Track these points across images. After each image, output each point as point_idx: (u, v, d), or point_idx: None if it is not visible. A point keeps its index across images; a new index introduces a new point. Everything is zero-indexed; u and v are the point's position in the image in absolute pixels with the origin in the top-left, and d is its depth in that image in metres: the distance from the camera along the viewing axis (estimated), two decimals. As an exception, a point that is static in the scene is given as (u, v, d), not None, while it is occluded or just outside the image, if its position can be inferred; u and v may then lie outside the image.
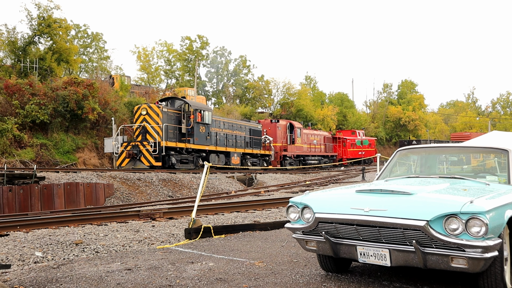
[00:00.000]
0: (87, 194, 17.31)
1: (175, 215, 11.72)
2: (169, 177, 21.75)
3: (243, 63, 64.16)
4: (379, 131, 67.70)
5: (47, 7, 34.54)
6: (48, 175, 17.58)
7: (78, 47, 45.64)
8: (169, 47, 59.64)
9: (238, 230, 9.04)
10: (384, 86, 79.50)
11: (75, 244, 7.85)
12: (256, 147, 32.75)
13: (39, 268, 6.24)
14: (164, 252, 7.10)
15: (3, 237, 8.66)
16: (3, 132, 25.11)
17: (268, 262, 6.21)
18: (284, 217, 10.86)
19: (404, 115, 70.16)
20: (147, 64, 55.41)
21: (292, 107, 57.13)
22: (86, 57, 50.25)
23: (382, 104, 75.68)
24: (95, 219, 10.89)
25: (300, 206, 5.19)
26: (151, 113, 24.22)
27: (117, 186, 18.92)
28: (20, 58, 33.53)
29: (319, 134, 43.49)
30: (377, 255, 4.55)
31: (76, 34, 49.63)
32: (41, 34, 34.72)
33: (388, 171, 6.44)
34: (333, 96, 71.01)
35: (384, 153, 59.30)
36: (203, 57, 62.88)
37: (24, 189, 15.66)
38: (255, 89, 60.15)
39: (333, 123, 58.26)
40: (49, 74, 34.03)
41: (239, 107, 52.75)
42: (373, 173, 29.80)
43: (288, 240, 7.86)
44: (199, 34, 62.92)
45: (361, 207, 4.65)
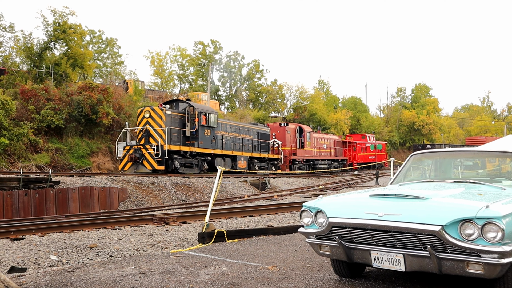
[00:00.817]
0: (101, 198, 17.42)
1: (189, 219, 11.75)
2: (183, 182, 21.81)
3: (256, 67, 64.25)
4: (392, 135, 67.31)
5: (62, 13, 34.93)
6: (63, 179, 17.74)
7: (92, 52, 46.02)
8: (182, 52, 59.94)
9: (251, 235, 9.03)
10: (398, 90, 79.20)
11: (90, 248, 7.91)
12: (264, 151, 32.11)
13: (54, 271, 6.29)
14: (177, 256, 7.12)
15: (19, 241, 8.75)
16: (19, 136, 25.40)
17: (281, 266, 6.19)
18: (298, 222, 10.83)
19: (418, 119, 69.67)
20: (161, 69, 55.71)
21: (305, 111, 57.04)
22: (100, 62, 50.66)
23: (396, 108, 75.26)
24: (109, 223, 10.95)
25: (314, 210, 5.17)
26: (154, 116, 23.71)
27: (131, 190, 19.03)
28: (36, 63, 33.91)
29: (329, 138, 43.01)
30: (391, 260, 4.51)
31: (91, 39, 50.07)
32: (57, 39, 35.09)
33: (402, 176, 6.39)
34: (347, 100, 70.81)
35: (398, 157, 58.91)
36: (216, 61, 63.09)
37: (39, 193, 15.81)
38: (268, 94, 60.18)
39: (347, 127, 58.05)
40: (64, 79, 34.37)
41: (252, 111, 52.82)
42: (387, 178, 29.63)
43: (302, 245, 7.83)
44: (212, 39, 63.23)
45: (375, 212, 4.62)
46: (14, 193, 15.30)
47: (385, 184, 14.01)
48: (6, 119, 25.16)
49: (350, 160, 46.16)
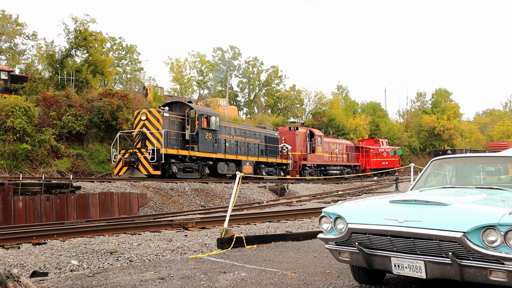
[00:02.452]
0: (121, 204, 17.57)
1: (208, 225, 11.77)
2: (202, 187, 21.89)
3: (274, 73, 64.35)
4: (412, 140, 66.70)
5: (83, 20, 35.45)
6: (83, 185, 17.93)
7: (113, 59, 46.57)
8: (201, 58, 60.33)
9: (270, 240, 9.01)
10: (418, 95, 78.45)
11: (110, 253, 7.97)
12: (271, 156, 30.61)
13: (75, 276, 6.36)
14: (196, 262, 7.14)
15: (41, 245, 8.87)
16: (41, 142, 25.79)
17: (300, 272, 6.17)
18: (317, 227, 10.79)
19: (438, 124, 68.90)
20: (180, 75, 56.11)
21: (324, 116, 56.86)
22: (120, 69, 51.23)
23: (416, 113, 74.57)
24: (129, 228, 11.03)
25: (333, 216, 5.15)
26: (151, 118, 22.65)
27: (150, 195, 19.15)
28: (57, 70, 34.42)
29: (341, 143, 41.83)
30: (412, 267, 4.46)
31: (111, 46, 50.70)
32: (78, 47, 35.59)
33: (422, 181, 6.33)
34: (366, 105, 70.41)
35: (418, 163, 58.29)
36: (235, 67, 63.33)
37: (60, 198, 16.01)
38: (287, 99, 60.18)
39: (366, 133, 57.69)
40: (85, 85, 34.82)
41: (270, 117, 52.84)
42: (407, 183, 29.37)
43: (321, 251, 7.79)
44: (231, 45, 63.54)
45: (395, 218, 4.58)
46: (36, 198, 15.52)
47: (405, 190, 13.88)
48: (28, 126, 25.58)
49: (363, 165, 44.88)
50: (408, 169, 45.51)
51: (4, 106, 25.66)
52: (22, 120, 25.20)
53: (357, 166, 43.77)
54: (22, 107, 25.61)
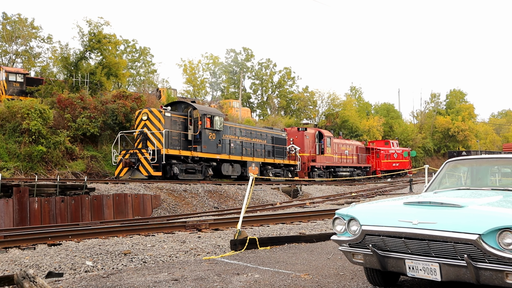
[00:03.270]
0: (135, 205, 17.66)
1: (221, 226, 11.79)
2: (215, 189, 21.93)
3: (287, 74, 64.31)
4: (426, 141, 66.22)
5: (97, 23, 35.75)
6: (98, 186, 18.06)
7: (126, 61, 46.93)
8: (215, 59, 60.50)
9: (283, 242, 9.00)
10: (432, 96, 77.85)
11: (124, 254, 8.02)
12: (278, 157, 29.92)
13: (89, 277, 6.41)
14: (210, 263, 7.15)
15: (56, 246, 8.94)
16: (56, 144, 26.03)
17: (314, 274, 6.15)
18: (330, 229, 10.75)
19: (453, 126, 68.32)
20: (193, 77, 56.34)
21: (337, 118, 56.69)
22: (134, 71, 51.60)
23: (430, 115, 74.03)
24: (142, 229, 11.09)
25: (347, 218, 5.13)
26: (152, 118, 22.25)
27: (164, 197, 19.23)
28: (72, 73, 34.74)
29: (351, 144, 41.08)
30: (427, 269, 4.43)
31: (125, 49, 51.09)
32: (92, 49, 35.89)
33: (437, 183, 6.28)
34: (379, 106, 70.05)
35: (432, 164, 57.87)
36: (248, 69, 63.41)
37: (75, 199, 16.14)
38: (300, 101, 60.11)
39: (379, 134, 57.38)
40: (99, 88, 35.10)
41: (283, 118, 52.80)
42: (421, 185, 29.16)
43: (334, 253, 7.77)
44: (244, 47, 63.67)
45: (409, 220, 4.55)
46: (51, 199, 15.66)
47: (419, 191, 13.77)
48: (44, 128, 25.84)
49: (374, 167, 44.02)
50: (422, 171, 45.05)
51: (20, 108, 25.96)
52: (37, 122, 25.47)
53: (368, 167, 42.97)
54: (38, 109, 25.88)
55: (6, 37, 41.24)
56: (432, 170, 19.08)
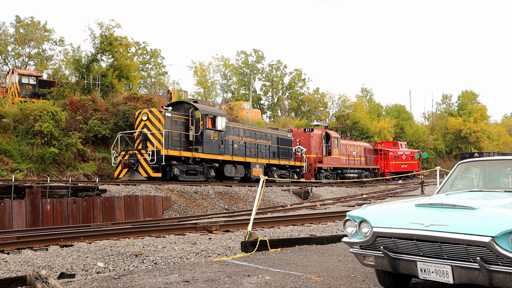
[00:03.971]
0: (146, 207, 17.73)
1: (232, 228, 11.80)
2: (225, 190, 21.96)
3: (298, 76, 64.29)
4: (438, 143, 65.83)
5: (109, 25, 36.01)
6: (109, 188, 18.16)
7: (137, 63, 47.19)
8: (225, 61, 60.62)
9: (294, 244, 8.99)
10: (443, 97, 77.43)
11: (135, 255, 8.05)
12: (284, 158, 29.32)
13: (101, 278, 6.44)
14: (220, 265, 7.16)
15: (68, 247, 9.01)
16: (68, 146, 26.23)
17: (325, 276, 6.13)
18: (341, 231, 10.72)
19: (465, 127, 67.86)
20: (204, 79, 56.50)
21: (347, 119, 56.57)
22: (145, 73, 51.85)
23: (441, 116, 73.62)
24: (154, 231, 11.13)
25: (358, 220, 5.11)
26: (152, 119, 21.81)
27: (175, 198, 19.29)
28: (84, 75, 35.01)
29: (359, 145, 40.33)
30: (439, 271, 4.40)
31: (136, 51, 51.38)
32: (103, 52, 36.15)
33: (449, 185, 6.24)
34: (390, 108, 69.82)
35: (444, 166, 57.49)
36: (259, 70, 63.48)
37: (87, 201, 16.24)
38: (310, 102, 60.07)
39: (390, 136, 57.15)
40: (110, 90, 35.33)
41: (294, 120, 52.78)
42: (433, 187, 28.97)
43: (345, 255, 7.74)
44: (255, 48, 63.74)
45: (421, 222, 4.52)
46: (63, 201, 15.78)
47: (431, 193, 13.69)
48: (56, 130, 26.04)
49: (382, 169, 43.27)
50: (434, 173, 44.67)
51: (33, 110, 26.19)
52: (49, 124, 25.67)
53: (376, 169, 42.28)
54: (50, 111, 26.10)
55: (19, 40, 41.63)
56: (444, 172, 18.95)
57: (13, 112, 26.78)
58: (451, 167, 19.21)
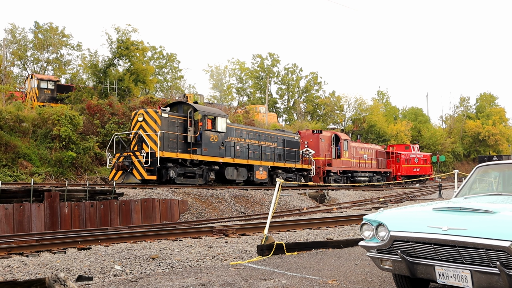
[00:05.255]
0: (163, 210, 17.82)
1: (248, 232, 11.80)
2: (242, 194, 21.98)
3: (314, 79, 64.18)
4: (456, 146, 65.18)
5: (125, 30, 36.37)
6: (126, 191, 18.29)
7: (154, 67, 47.53)
8: (241, 65, 60.74)
9: (310, 247, 8.96)
10: (461, 99, 76.70)
11: (152, 258, 8.09)
12: (290, 161, 28.41)
13: (118, 281, 6.48)
14: (237, 268, 7.16)
15: (86, 250, 9.09)
16: (86, 150, 26.51)
17: (341, 280, 6.10)
18: (358, 235, 10.66)
19: (483, 130, 67.11)
20: (220, 83, 56.69)
21: (364, 122, 56.31)
22: (161, 77, 52.21)
23: (459, 119, 72.91)
24: (170, 234, 11.17)
25: (375, 224, 5.08)
26: (147, 119, 21.16)
27: (191, 202, 19.35)
28: (101, 80, 35.37)
29: (370, 148, 39.41)
30: (458, 276, 4.34)
31: (152, 55, 51.76)
32: (120, 56, 36.50)
33: (467, 188, 6.17)
34: (407, 111, 69.38)
35: (462, 169, 56.87)
36: (274, 74, 63.52)
37: (104, 204, 16.38)
38: (326, 105, 59.91)
39: (407, 139, 56.74)
40: (127, 94, 35.64)
41: (310, 123, 52.71)
42: (451, 190, 28.70)
43: (362, 259, 7.69)
44: (270, 52, 63.84)
45: (439, 226, 4.48)
46: (81, 204, 15.93)
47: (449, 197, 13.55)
48: (74, 134, 26.35)
49: (394, 172, 42.27)
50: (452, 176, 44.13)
51: (51, 114, 26.55)
52: (67, 128, 25.98)
53: (388, 172, 41.27)
54: (68, 115, 26.42)
55: (38, 45, 42.24)
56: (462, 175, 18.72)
57: (32, 116, 27.17)
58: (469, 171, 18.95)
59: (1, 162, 23.60)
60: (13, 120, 25.83)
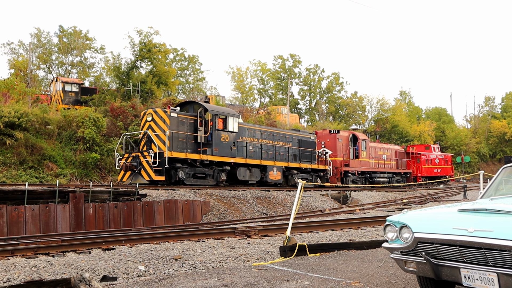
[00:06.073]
0: (185, 211, 17.92)
1: (270, 233, 11.80)
2: (264, 195, 21.99)
3: (336, 80, 63.87)
4: (481, 146, 64.16)
5: (147, 33, 36.68)
6: (149, 193, 18.45)
7: (176, 69, 47.88)
8: (262, 66, 60.78)
9: (333, 249, 8.91)
10: (486, 99, 75.47)
11: (175, 259, 8.15)
12: (305, 161, 27.77)
13: (142, 281, 6.54)
14: (259, 270, 7.16)
15: (110, 251, 9.20)
16: (109, 152, 26.82)
17: (365, 282, 6.06)
18: (381, 236, 10.57)
19: (509, 130, 65.88)
20: (241, 84, 56.80)
21: (386, 123, 55.82)
22: (183, 79, 52.54)
23: (484, 119, 71.76)
24: (193, 235, 11.24)
25: (398, 225, 5.03)
26: (156, 119, 20.90)
27: (213, 203, 19.43)
28: (124, 82, 35.75)
29: (389, 148, 38.55)
30: (484, 279, 4.27)
31: (174, 57, 52.14)
32: (143, 58, 36.84)
33: (493, 189, 6.07)
34: (430, 111, 68.61)
35: (488, 170, 55.92)
36: (296, 75, 63.40)
37: (127, 205, 16.55)
38: (348, 106, 59.57)
39: (431, 139, 56.06)
40: (149, 96, 35.95)
41: (332, 124, 52.49)
42: (476, 192, 28.24)
43: (386, 260, 7.62)
44: (291, 53, 63.73)
45: (464, 227, 4.41)
46: (105, 205, 16.13)
47: (474, 198, 13.34)
48: (97, 135, 26.70)
49: (414, 173, 41.37)
50: (477, 177, 43.37)
51: (75, 117, 26.95)
52: (91, 130, 26.34)
53: (408, 173, 40.30)
54: (92, 117, 26.78)
55: (62, 49, 42.94)
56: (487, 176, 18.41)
57: (57, 119, 27.62)
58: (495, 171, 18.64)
59: (27, 164, 24.03)
60: (39, 123, 26.29)
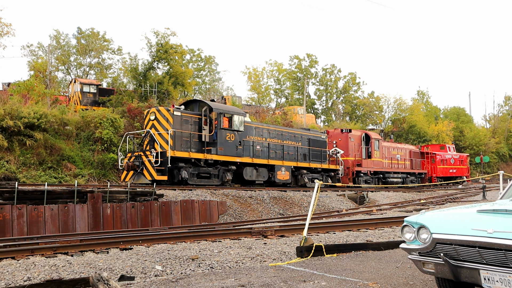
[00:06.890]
0: (202, 211, 17.98)
1: (286, 233, 11.78)
2: (280, 195, 21.96)
3: (352, 80, 63.59)
4: (501, 146, 63.31)
5: (164, 34, 36.95)
6: (166, 193, 18.55)
7: (192, 70, 48.08)
8: (279, 66, 60.76)
9: (350, 249, 8.87)
10: (506, 98, 74.41)
11: (192, 259, 8.18)
12: (315, 161, 27.11)
13: (159, 281, 6.58)
14: (276, 270, 7.16)
15: (128, 251, 9.27)
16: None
17: (382, 283, 6.01)
18: (398, 237, 10.49)
19: (529, 129, 65.00)
20: (258, 84, 56.84)
21: (404, 123, 55.39)
22: (199, 80, 52.77)
23: (504, 118, 70.77)
24: (209, 235, 11.27)
25: (416, 226, 4.99)
26: (159, 118, 20.47)
27: (230, 203, 19.46)
28: (141, 83, 36.03)
29: (403, 148, 37.63)
30: (504, 281, 4.22)
31: (191, 58, 52.40)
32: (159, 59, 37.10)
33: (513, 190, 5.98)
34: (448, 110, 67.88)
35: (508, 170, 55.18)
36: (312, 75, 63.25)
37: (145, 205, 16.66)
38: (365, 106, 59.24)
39: (449, 139, 55.47)
40: (166, 97, 36.17)
41: (349, 124, 52.27)
42: (495, 192, 27.87)
43: (403, 261, 7.56)
44: (308, 53, 63.60)
45: (483, 228, 4.36)
46: (122, 205, 16.25)
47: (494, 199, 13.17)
48: (115, 136, 26.91)
49: (429, 173, 40.38)
50: (496, 177, 42.78)
51: (93, 118, 27.22)
52: (109, 131, 26.58)
53: (423, 174, 39.34)
54: (109, 118, 27.02)
55: (80, 50, 43.42)
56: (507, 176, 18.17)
57: (75, 119, 27.92)
58: (515, 172, 18.32)
59: (46, 164, 24.34)
60: (58, 124, 26.61)
